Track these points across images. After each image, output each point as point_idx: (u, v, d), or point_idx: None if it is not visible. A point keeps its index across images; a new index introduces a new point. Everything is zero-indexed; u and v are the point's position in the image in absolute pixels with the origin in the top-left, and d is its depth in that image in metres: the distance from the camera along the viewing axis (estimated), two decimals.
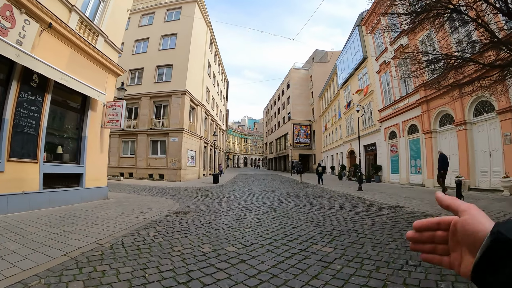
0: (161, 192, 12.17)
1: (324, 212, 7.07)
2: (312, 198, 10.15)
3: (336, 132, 31.43)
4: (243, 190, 13.30)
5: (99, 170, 9.75)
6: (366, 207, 7.94)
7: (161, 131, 20.78)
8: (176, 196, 10.85)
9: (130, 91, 22.29)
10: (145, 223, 5.73)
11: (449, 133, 12.89)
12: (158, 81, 22.18)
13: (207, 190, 13.25)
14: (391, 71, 17.53)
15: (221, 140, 37.81)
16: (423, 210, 7.47)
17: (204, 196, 10.68)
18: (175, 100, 20.88)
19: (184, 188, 14.23)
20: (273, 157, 60.02)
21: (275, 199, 9.93)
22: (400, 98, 16.22)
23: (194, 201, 9.22)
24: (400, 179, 16.01)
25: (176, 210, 7.35)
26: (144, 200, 9.44)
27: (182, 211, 7.27)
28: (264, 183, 18.92)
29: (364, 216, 6.63)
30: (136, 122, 22.04)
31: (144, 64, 22.67)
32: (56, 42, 7.49)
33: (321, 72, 42.17)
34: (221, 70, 38.97)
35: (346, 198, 10.27)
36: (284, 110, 50.21)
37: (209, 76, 28.68)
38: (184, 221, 5.94)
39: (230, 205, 8.36)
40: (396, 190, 12.74)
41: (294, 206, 8.08)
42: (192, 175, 21.88)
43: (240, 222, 5.78)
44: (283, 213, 6.89)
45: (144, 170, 21.02)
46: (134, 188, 14.02)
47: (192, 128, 22.56)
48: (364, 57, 21.42)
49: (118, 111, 9.93)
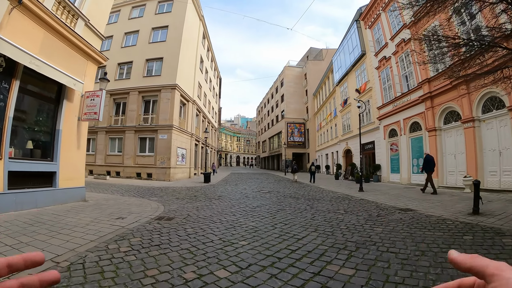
0: (146, 193, 11.11)
1: (330, 218, 6.17)
2: (312, 200, 9.26)
3: (331, 130, 30.71)
4: (236, 191, 12.33)
5: (75, 168, 8.67)
6: (374, 211, 7.08)
7: (150, 128, 19.63)
8: (163, 197, 9.82)
9: (118, 86, 21.20)
10: (119, 233, 4.74)
11: (455, 130, 12.19)
12: (147, 75, 21.01)
13: (197, 191, 12.24)
14: (391, 67, 16.81)
15: (213, 138, 36.71)
16: (438, 214, 6.64)
17: (193, 198, 9.67)
18: (165, 95, 19.75)
19: (172, 189, 13.18)
20: (266, 156, 59.14)
21: (272, 201, 9.00)
22: (402, 95, 15.49)
23: (182, 204, 8.21)
24: (401, 179, 15.30)
25: (159, 215, 6.35)
26: (126, 203, 8.40)
27: (166, 216, 6.27)
28: (258, 182, 17.99)
29: (377, 222, 5.75)
30: (124, 118, 20.84)
31: (133, 58, 21.48)
32: (29, 23, 6.49)
33: (316, 70, 41.45)
34: (214, 66, 37.84)
35: (348, 200, 9.42)
36: (278, 108, 49.36)
37: (201, 71, 27.57)
38: (166, 230, 4.96)
39: (222, 208, 7.39)
40: (399, 191, 11.98)
41: (294, 210, 7.16)
42: (182, 174, 20.78)
43: (234, 232, 4.81)
44: (283, 219, 5.96)
45: (131, 168, 19.85)
46: (119, 188, 12.91)
47: (183, 125, 21.46)
48: (362, 53, 20.67)
49: (97, 101, 8.84)
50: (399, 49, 15.99)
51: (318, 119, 38.20)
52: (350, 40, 22.82)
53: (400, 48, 15.89)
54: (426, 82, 13.41)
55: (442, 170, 12.54)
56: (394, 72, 16.36)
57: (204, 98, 29.53)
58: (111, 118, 21.31)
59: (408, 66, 15.39)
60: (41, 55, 6.65)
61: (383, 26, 17.87)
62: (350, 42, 22.86)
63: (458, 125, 11.89)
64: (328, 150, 32.14)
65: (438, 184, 12.51)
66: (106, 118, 21.22)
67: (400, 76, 15.96)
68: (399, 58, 16.07)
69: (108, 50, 22.58)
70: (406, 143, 15.03)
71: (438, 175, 12.57)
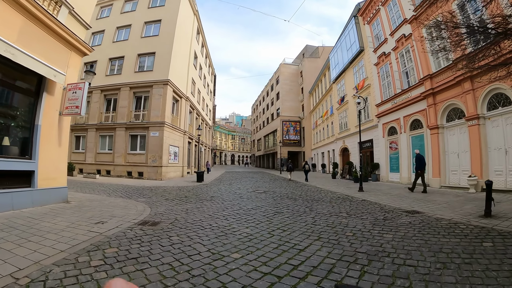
0: (135, 193, 10.44)
1: (333, 222, 5.59)
2: (311, 201, 8.69)
3: (327, 128, 30.23)
4: (230, 191, 11.71)
5: (55, 167, 7.97)
6: (379, 214, 6.54)
7: (141, 125, 18.88)
8: (151, 198, 9.16)
9: (109, 81, 20.46)
10: (95, 241, 4.13)
11: (458, 128, 11.73)
12: (139, 70, 20.22)
13: (189, 191, 11.59)
14: (391, 63, 16.32)
15: (207, 136, 35.98)
16: (447, 216, 6.13)
17: (183, 199, 9.03)
18: (157, 90, 19.00)
19: (163, 188, 12.51)
20: (261, 154, 58.55)
21: (268, 202, 8.40)
22: (402, 92, 15.01)
23: (170, 206, 7.57)
24: (401, 178, 14.84)
25: (144, 220, 5.71)
26: (111, 204, 7.74)
27: (151, 220, 5.64)
28: (253, 182, 17.39)
29: (385, 227, 5.20)
30: (114, 115, 20.04)
31: (125, 52, 20.68)
32: (6, 8, 5.87)
33: (312, 67, 40.93)
34: (209, 62, 37.05)
35: (349, 200, 8.87)
36: (273, 106, 48.75)
37: (195, 67, 26.81)
38: (148, 238, 4.33)
39: (214, 211, 6.76)
40: (400, 191, 11.49)
41: (293, 213, 6.57)
42: (174, 173, 20.08)
43: (225, 241, 4.20)
44: (281, 224, 5.36)
45: (122, 167, 19.09)
46: (107, 187, 12.21)
47: (175, 122, 20.73)
48: (360, 49, 20.16)
49: (79, 94, 8.13)
50: (399, 45, 15.50)
51: (314, 117, 37.71)
52: (348, 36, 22.30)
53: (401, 44, 15.40)
54: (428, 78, 12.94)
55: (444, 170, 12.09)
56: (394, 69, 15.87)
57: (198, 95, 28.78)
58: (102, 115, 20.54)
59: (408, 62, 14.91)
60: (19, 44, 6.01)
61: (382, 21, 17.38)
62: (348, 39, 22.34)
63: (462, 123, 11.43)
64: (324, 148, 31.67)
65: (441, 183, 12.08)
66: (97, 115, 20.52)
67: (400, 73, 15.48)
68: (399, 54, 15.58)
69: (100, 45, 21.92)
70: (407, 141, 14.57)
71: (441, 174, 12.12)
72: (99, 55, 21.24)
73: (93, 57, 21.52)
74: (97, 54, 21.47)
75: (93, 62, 21.72)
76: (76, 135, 21.50)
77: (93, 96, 20.82)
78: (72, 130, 21.50)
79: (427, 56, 13.27)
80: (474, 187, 10.29)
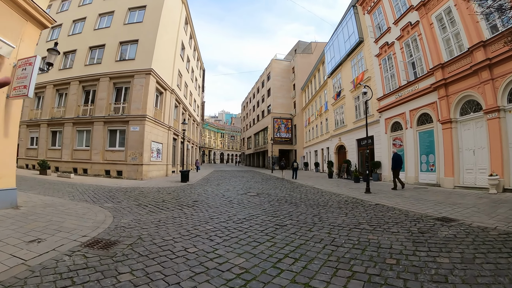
0: (104, 196, 8.69)
1: (358, 240, 4.09)
2: (317, 207, 7.19)
3: (321, 125, 28.93)
4: (217, 193, 10.08)
5: (1, 163, 6.26)
6: (408, 224, 5.11)
7: (120, 118, 16.99)
8: (121, 203, 7.46)
9: (88, 72, 18.68)
10: (6, 277, 2.50)
11: (473, 122, 10.50)
12: (120, 59, 18.30)
13: (170, 193, 9.92)
14: (395, 53, 15.04)
15: (195, 133, 34.09)
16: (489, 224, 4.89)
17: (160, 204, 7.38)
18: (138, 81, 17.14)
19: (140, 190, 10.78)
20: (251, 153, 56.94)
21: (264, 209, 6.84)
22: (408, 83, 13.74)
23: (140, 215, 5.92)
24: (406, 178, 13.57)
25: (96, 238, 4.08)
26: (66, 212, 6.06)
27: (105, 239, 4.00)
28: (244, 182, 15.79)
29: (429, 245, 3.77)
30: (92, 107, 18.10)
31: (106, 41, 18.79)
32: None
33: (305, 63, 39.60)
34: (197, 56, 35.14)
35: (361, 205, 7.42)
36: (264, 103, 47.22)
37: (182, 58, 24.95)
38: (87, 273, 2.73)
39: (194, 223, 5.15)
40: (411, 192, 10.16)
41: (299, 226, 5.03)
42: (157, 172, 18.26)
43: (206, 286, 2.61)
44: (289, 247, 3.80)
45: (100, 165, 17.19)
46: (77, 188, 10.43)
47: (159, 116, 18.90)
48: (360, 40, 18.85)
49: (28, 71, 6.40)
50: (405, 34, 14.23)
51: (306, 114, 36.40)
52: (346, 27, 20.96)
53: (406, 33, 14.13)
54: (439, 68, 11.68)
55: (458, 168, 10.84)
56: (399, 59, 14.59)
57: (185, 88, 26.92)
58: (79, 108, 18.59)
59: (415, 51, 13.65)
60: None
61: (385, 10, 16.08)
62: (346, 30, 21.01)
63: (479, 116, 10.22)
64: (317, 146, 30.37)
65: (454, 183, 10.85)
66: (74, 108, 18.62)
67: (406, 63, 14.21)
68: (405, 44, 14.31)
69: (80, 33, 20.19)
70: (413, 138, 13.30)
71: (454, 173, 10.88)
72: (79, 44, 19.59)
73: (72, 45, 19.87)
74: (76, 43, 19.83)
75: (72, 51, 19.88)
76: (52, 130, 19.61)
77: (71, 88, 18.98)
78: (48, 125, 19.69)
79: (438, 44, 12.04)
80: (495, 187, 9.05)
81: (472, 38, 10.39)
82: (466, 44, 10.66)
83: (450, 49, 11.63)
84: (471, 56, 10.42)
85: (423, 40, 12.95)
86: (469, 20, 10.62)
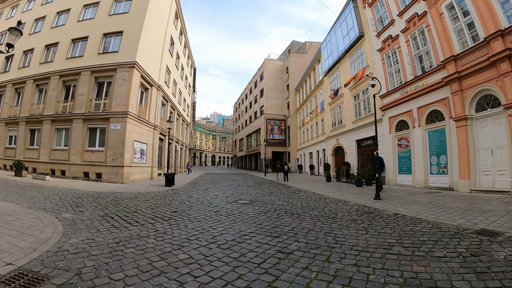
0: (69, 203, 7.19)
1: (402, 274, 2.77)
2: (325, 220, 5.84)
3: (316, 126, 27.73)
4: (203, 201, 8.63)
5: None
6: (450, 242, 3.83)
7: (101, 115, 15.41)
8: (83, 213, 5.99)
9: (69, 65, 17.12)
10: None
11: (491, 119, 9.39)
12: (103, 52, 16.73)
13: (147, 200, 8.43)
14: (400, 47, 13.92)
15: (184, 134, 32.45)
16: None
17: (129, 216, 5.91)
18: (121, 74, 15.60)
19: (115, 196, 9.27)
20: (243, 155, 55.43)
21: (260, 224, 5.43)
22: (415, 78, 12.61)
23: (98, 231, 4.48)
24: (414, 181, 12.39)
25: (20, 270, 2.66)
26: (11, 224, 4.76)
27: (32, 272, 2.58)
28: (235, 186, 14.36)
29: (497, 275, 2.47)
30: (72, 104, 16.50)
31: (90, 32, 17.28)
32: None
33: (299, 63, 38.49)
34: (188, 53, 33.62)
35: (378, 216, 6.11)
36: (257, 104, 45.89)
37: (170, 54, 23.42)
38: None
39: (163, 249, 3.71)
40: (425, 197, 8.93)
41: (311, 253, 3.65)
42: (141, 174, 16.65)
43: None
44: None
45: (78, 167, 15.56)
46: (44, 193, 8.99)
47: (144, 114, 17.35)
48: (360, 35, 17.74)
49: None
50: (411, 26, 13.14)
51: (300, 115, 35.20)
52: (345, 22, 19.85)
53: (412, 24, 13.04)
54: (451, 60, 10.56)
55: (474, 170, 9.69)
56: (404, 53, 13.48)
57: (174, 86, 25.37)
58: (59, 104, 17.00)
59: (422, 44, 12.56)
60: None
61: (387, 1, 15.00)
62: (345, 25, 19.90)
63: (497, 112, 9.12)
64: (312, 148, 29.13)
65: (470, 187, 9.68)
66: (53, 104, 16.99)
67: (413, 56, 13.09)
68: (411, 36, 13.21)
69: (63, 25, 18.68)
70: (422, 137, 12.13)
71: (470, 176, 9.72)
72: (62, 36, 18.13)
73: (55, 38, 18.36)
74: (59, 35, 18.31)
75: (54, 44, 18.42)
76: (30, 128, 18.00)
77: (51, 83, 17.44)
78: (27, 123, 18.00)
79: (449, 34, 10.94)
80: None
81: (488, 27, 9.31)
82: (482, 34, 9.57)
83: (462, 40, 10.56)
84: (487, 47, 9.33)
85: (432, 31, 11.86)
86: (484, 7, 9.57)
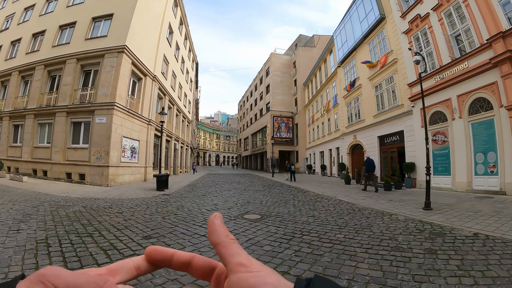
0: (17, 215, 5.19)
1: None
2: (387, 253, 3.75)
3: (328, 123, 25.53)
4: (197, 214, 6.50)
5: None
6: None
7: (85, 107, 13.55)
8: (16, 236, 3.96)
9: (54, 53, 15.21)
10: None
11: None
12: (91, 37, 14.86)
13: (121, 213, 6.37)
14: (431, 27, 11.76)
15: (185, 131, 30.48)
16: None
17: (76, 245, 3.86)
18: (109, 61, 13.71)
19: (84, 204, 7.26)
20: (248, 155, 53.34)
21: (282, 266, 3.38)
22: (452, 62, 10.45)
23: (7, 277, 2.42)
24: (454, 184, 10.24)
25: None
26: None
27: None
28: (240, 190, 12.22)
29: None
30: (56, 96, 14.70)
31: (78, 17, 15.51)
32: None
33: (307, 57, 36.29)
34: (189, 45, 31.68)
35: (458, 240, 3.98)
36: (262, 101, 43.75)
37: (169, 43, 21.47)
38: None
39: None
40: (481, 205, 6.75)
41: None
42: (131, 175, 14.66)
43: None
44: None
45: (60, 166, 13.76)
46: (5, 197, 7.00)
47: (136, 107, 15.41)
48: (381, 17, 15.56)
49: None
50: (444, 1, 10.99)
51: (309, 111, 33.02)
52: (362, 5, 17.67)
53: (446, 0, 10.89)
54: (499, 38, 8.45)
55: None
56: (438, 32, 11.32)
57: (172, 79, 23.42)
58: (43, 96, 15.29)
59: (460, 22, 10.41)
60: None
61: None
62: (362, 8, 17.72)
63: None
64: (323, 146, 26.94)
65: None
66: (37, 96, 15.24)
67: (449, 36, 10.93)
68: (444, 14, 11.06)
69: (52, 12, 16.93)
70: (464, 131, 9.96)
71: None
72: (50, 23, 16.44)
73: (43, 25, 16.54)
74: (47, 23, 16.48)
75: (41, 32, 16.71)
76: (14, 123, 16.33)
77: (35, 74, 15.75)
78: (10, 118, 16.18)
79: (493, 8, 8.81)
80: None
81: None
82: None
83: (510, 14, 8.47)
84: None
85: (471, 6, 9.70)
86: None
